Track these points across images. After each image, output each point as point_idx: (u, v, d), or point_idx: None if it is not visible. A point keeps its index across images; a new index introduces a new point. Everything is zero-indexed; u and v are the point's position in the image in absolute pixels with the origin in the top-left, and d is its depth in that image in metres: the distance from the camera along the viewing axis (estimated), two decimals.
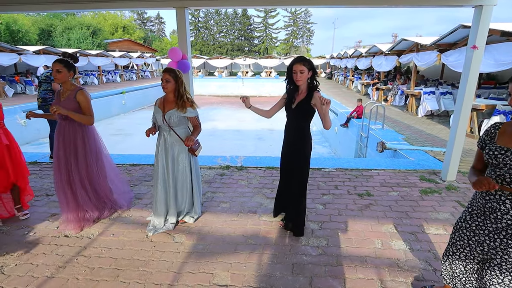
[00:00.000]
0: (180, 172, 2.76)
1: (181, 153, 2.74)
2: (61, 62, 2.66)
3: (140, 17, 55.04)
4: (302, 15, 55.44)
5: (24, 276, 2.21)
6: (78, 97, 2.71)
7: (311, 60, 2.44)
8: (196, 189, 2.88)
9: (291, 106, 2.47)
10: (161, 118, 2.64)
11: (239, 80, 26.58)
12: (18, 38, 23.61)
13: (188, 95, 2.70)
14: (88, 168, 2.83)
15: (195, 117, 2.72)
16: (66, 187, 2.77)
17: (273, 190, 3.67)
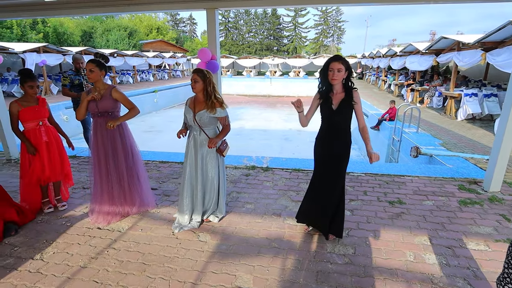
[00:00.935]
0: (209, 172, 2.80)
1: (210, 153, 2.77)
2: (94, 62, 2.78)
3: (173, 18, 56.95)
4: (333, 14, 54.13)
5: (61, 264, 2.35)
6: (114, 95, 2.86)
7: (347, 60, 2.35)
8: (222, 189, 2.90)
9: (331, 107, 2.37)
10: (192, 118, 2.69)
11: (267, 79, 26.57)
12: (64, 40, 25.49)
13: (218, 94, 2.71)
14: (125, 164, 2.96)
15: (224, 117, 2.73)
16: (104, 182, 2.90)
17: (299, 193, 3.60)
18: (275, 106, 19.99)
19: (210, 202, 2.91)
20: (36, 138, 2.98)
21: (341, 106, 2.35)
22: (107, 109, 2.83)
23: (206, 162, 2.78)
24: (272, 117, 16.05)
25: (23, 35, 21.95)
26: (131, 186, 3.06)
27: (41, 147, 3.00)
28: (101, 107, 2.81)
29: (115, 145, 2.91)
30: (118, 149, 2.92)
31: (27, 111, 2.90)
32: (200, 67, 3.62)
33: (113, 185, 2.92)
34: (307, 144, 11.21)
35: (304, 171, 4.29)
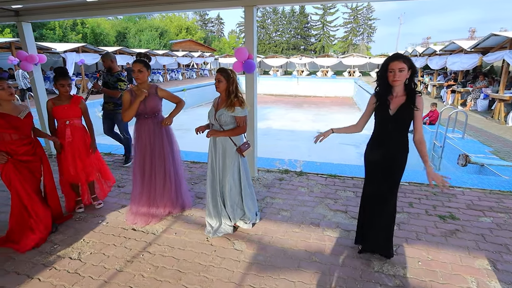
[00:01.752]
0: (228, 172, 2.67)
1: (230, 152, 2.65)
2: (141, 62, 2.74)
3: (202, 18, 58.01)
4: (364, 11, 52.31)
5: (97, 266, 2.33)
6: (160, 93, 2.86)
7: (410, 58, 2.10)
8: (246, 192, 2.75)
9: (387, 111, 2.13)
10: (213, 116, 2.61)
11: (294, 79, 26.18)
12: (100, 40, 26.80)
13: (240, 94, 2.59)
14: (169, 165, 2.93)
15: (242, 117, 2.58)
16: (146, 182, 2.87)
17: (337, 202, 3.37)
18: (302, 106, 19.61)
19: (235, 205, 2.77)
20: (62, 137, 3.00)
21: (400, 111, 2.09)
22: (154, 108, 2.81)
23: (224, 162, 2.67)
24: (299, 117, 15.73)
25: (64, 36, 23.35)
26: (172, 187, 3.02)
27: (66, 146, 3.01)
28: (149, 106, 2.79)
29: (161, 146, 2.88)
30: (165, 149, 2.89)
31: (57, 110, 2.92)
32: (235, 67, 3.52)
33: (156, 186, 2.89)
34: (337, 146, 10.85)
35: (341, 178, 4.04)
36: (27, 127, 2.54)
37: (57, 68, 2.95)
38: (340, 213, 3.13)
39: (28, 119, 2.54)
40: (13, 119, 2.41)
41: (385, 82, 2.11)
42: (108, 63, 4.28)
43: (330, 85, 24.76)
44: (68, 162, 3.01)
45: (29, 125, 2.55)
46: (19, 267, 2.33)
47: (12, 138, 2.44)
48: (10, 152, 2.45)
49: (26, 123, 2.51)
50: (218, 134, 2.57)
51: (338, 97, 23.88)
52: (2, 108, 2.40)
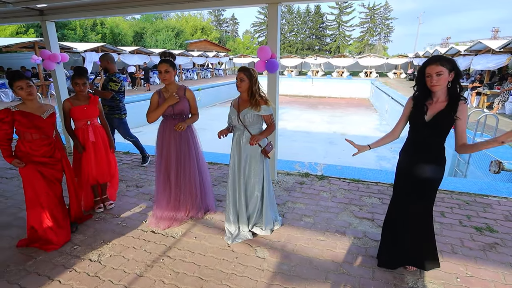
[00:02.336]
0: (252, 175, 2.56)
1: (254, 154, 2.54)
2: (167, 62, 2.64)
3: (217, 19, 58.38)
4: (381, 10, 51.22)
5: (117, 270, 2.28)
6: (188, 95, 2.77)
7: (453, 59, 1.92)
8: (267, 196, 2.63)
9: (423, 117, 1.96)
10: (236, 117, 2.51)
11: (309, 79, 25.88)
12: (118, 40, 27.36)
13: (262, 93, 2.51)
14: (194, 167, 2.85)
15: (269, 115, 2.50)
16: (169, 185, 2.80)
17: (362, 209, 3.21)
18: (317, 107, 19.33)
19: (253, 210, 2.65)
20: (84, 138, 2.96)
21: (438, 118, 1.90)
22: (183, 110, 2.73)
23: (250, 164, 2.56)
24: (314, 119, 15.49)
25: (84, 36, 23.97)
26: (197, 190, 2.93)
27: (88, 147, 2.97)
28: (178, 108, 2.70)
29: (187, 148, 2.80)
30: (191, 152, 2.82)
31: (76, 110, 2.87)
32: (258, 66, 3.41)
33: (180, 189, 2.82)
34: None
35: (365, 183, 3.86)
36: (50, 127, 2.50)
37: (76, 67, 2.94)
38: (366, 221, 2.96)
39: (51, 119, 2.50)
40: (36, 119, 2.38)
41: (424, 86, 1.94)
42: (104, 64, 4.00)
43: (346, 86, 24.32)
44: (92, 162, 2.98)
45: (51, 125, 2.52)
46: (40, 267, 2.30)
47: (33, 137, 2.40)
48: (29, 152, 2.40)
49: (48, 123, 2.47)
50: (260, 138, 2.43)
51: (354, 98, 23.42)
52: (26, 107, 2.37)
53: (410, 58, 25.98)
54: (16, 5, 3.98)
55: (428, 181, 2.03)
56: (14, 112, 2.31)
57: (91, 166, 2.99)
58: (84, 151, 2.94)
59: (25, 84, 2.32)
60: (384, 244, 2.31)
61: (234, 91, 24.18)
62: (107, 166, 3.11)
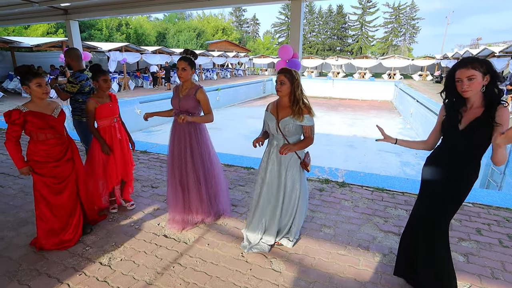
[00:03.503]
0: (289, 188, 2.39)
1: (293, 166, 2.36)
2: (186, 60, 2.58)
3: (238, 19, 58.67)
4: (407, 10, 49.41)
5: (127, 276, 2.19)
6: (198, 95, 2.65)
7: (488, 61, 1.68)
8: (301, 209, 2.47)
9: (456, 125, 1.73)
10: (275, 126, 2.29)
11: (329, 81, 25.36)
12: (142, 40, 28.07)
13: (306, 99, 2.29)
14: (202, 168, 2.75)
15: (310, 126, 2.29)
16: (179, 186, 2.71)
17: (387, 221, 2.96)
18: (337, 109, 18.87)
19: (287, 222, 2.50)
20: (111, 136, 2.92)
21: (473, 126, 1.66)
22: (188, 108, 2.63)
23: (287, 177, 2.38)
24: (334, 121, 15.10)
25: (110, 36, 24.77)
26: (208, 192, 2.82)
27: (115, 145, 2.94)
28: (183, 106, 2.62)
29: (192, 146, 2.69)
30: (195, 150, 2.70)
31: (102, 108, 2.84)
32: (278, 66, 3.25)
33: (189, 189, 2.71)
34: (376, 154, 10.14)
35: (390, 192, 3.60)
36: (61, 125, 2.45)
37: (94, 65, 2.88)
38: (392, 235, 2.72)
39: (62, 117, 2.44)
40: (49, 118, 2.32)
41: (455, 92, 1.71)
42: (67, 60, 3.51)
43: (368, 88, 23.61)
44: (118, 161, 2.96)
45: (62, 123, 2.46)
46: (51, 268, 2.26)
47: (47, 137, 2.34)
48: (42, 154, 2.34)
49: (60, 121, 2.42)
50: (292, 149, 2.23)
51: (376, 100, 22.69)
52: (36, 107, 2.29)
53: (437, 60, 24.85)
54: (42, 5, 4.06)
55: (454, 194, 1.79)
56: (25, 113, 2.22)
57: (118, 164, 2.97)
58: (110, 151, 2.90)
59: (44, 81, 2.27)
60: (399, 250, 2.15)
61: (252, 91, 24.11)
62: (129, 164, 3.10)
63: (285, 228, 2.52)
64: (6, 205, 3.28)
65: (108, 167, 2.96)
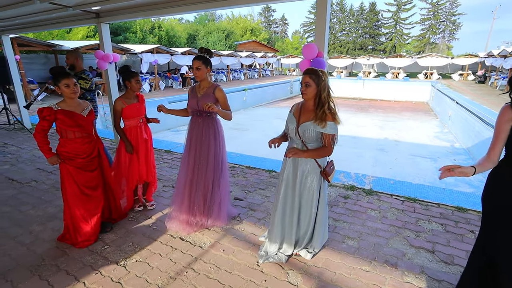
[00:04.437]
0: (305, 196, 2.24)
1: (312, 174, 2.21)
2: (200, 59, 2.55)
3: (267, 19, 58.66)
4: (447, 5, 46.26)
5: (140, 278, 2.17)
6: (217, 94, 2.61)
7: None
8: (321, 219, 2.31)
9: None
10: (294, 130, 2.15)
11: (360, 81, 24.43)
12: (173, 42, 29.00)
13: (332, 103, 2.09)
14: (214, 171, 2.69)
15: (332, 135, 2.06)
16: (188, 185, 2.69)
17: (419, 235, 2.69)
18: (367, 111, 18.09)
19: (305, 233, 2.35)
20: (137, 136, 2.96)
21: None
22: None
23: (305, 184, 2.23)
24: (363, 123, 14.47)
25: (143, 38, 25.85)
26: (216, 194, 2.76)
27: (141, 146, 2.99)
28: (201, 105, 2.57)
29: (208, 149, 2.65)
30: (210, 150, 2.66)
31: (129, 109, 2.90)
32: (302, 66, 3.09)
33: (197, 189, 2.67)
34: (408, 158, 9.50)
35: (423, 203, 3.29)
36: (90, 124, 2.52)
37: (124, 67, 2.93)
38: (424, 252, 2.46)
39: (90, 116, 2.52)
40: (78, 117, 2.40)
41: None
42: (71, 60, 3.59)
43: (401, 88, 22.39)
44: (142, 161, 3.00)
45: (91, 122, 2.54)
46: (70, 265, 2.31)
47: (75, 135, 2.42)
48: (70, 152, 2.42)
49: (88, 120, 2.49)
50: (299, 155, 2.10)
51: (410, 101, 21.47)
52: (67, 106, 2.39)
53: (480, 58, 22.94)
54: (75, 9, 4.24)
55: None
56: (57, 111, 2.33)
57: (143, 164, 3.01)
58: (134, 151, 2.95)
59: (73, 82, 2.35)
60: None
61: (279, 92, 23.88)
62: (152, 164, 3.14)
63: (304, 239, 2.37)
64: (38, 200, 3.45)
65: (131, 167, 3.00)
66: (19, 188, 3.79)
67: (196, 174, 2.67)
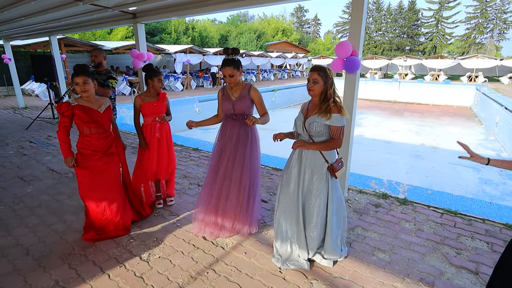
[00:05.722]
0: (313, 195, 2.13)
1: (319, 171, 2.11)
2: (230, 64, 2.38)
3: (299, 20, 58.07)
4: (497, 2, 42.53)
5: (162, 275, 2.18)
6: (252, 94, 2.54)
7: None
8: (333, 220, 2.17)
9: None
10: (301, 125, 2.12)
11: (395, 83, 23.26)
12: (206, 42, 29.71)
13: (337, 98, 2.05)
14: (246, 176, 2.58)
15: (339, 127, 2.01)
16: (217, 188, 2.59)
17: (460, 253, 2.43)
18: (402, 114, 17.15)
19: (314, 234, 2.19)
20: (151, 134, 3.00)
21: None
22: (244, 110, 2.52)
23: (311, 180, 2.13)
24: (397, 127, 13.73)
25: (177, 39, 26.76)
26: (249, 201, 2.64)
27: (153, 143, 3.00)
28: (238, 108, 2.50)
29: (243, 152, 2.55)
30: (246, 156, 2.56)
31: (146, 106, 2.93)
32: (335, 65, 2.95)
33: (229, 195, 2.56)
34: (447, 167, 8.81)
35: (465, 217, 2.99)
36: (107, 121, 2.54)
37: (148, 64, 2.99)
38: (466, 273, 2.21)
39: (108, 113, 2.55)
40: (94, 113, 2.44)
41: None
42: (100, 58, 3.60)
43: (441, 91, 20.96)
44: (154, 158, 3.02)
45: (108, 118, 2.56)
46: (97, 256, 2.38)
47: (92, 131, 2.46)
48: (88, 147, 2.46)
49: (105, 117, 2.51)
50: (306, 147, 2.09)
51: (451, 106, 20.03)
52: (84, 101, 2.43)
53: None
54: (114, 9, 4.43)
55: None
56: (74, 106, 2.37)
57: (153, 162, 3.03)
58: (147, 147, 3.00)
59: (82, 80, 2.35)
60: None
61: None
62: (167, 163, 3.12)
63: (316, 242, 2.22)
64: (73, 190, 3.64)
65: (143, 163, 3.05)
66: (58, 178, 4.03)
67: (229, 179, 2.56)
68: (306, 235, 2.21)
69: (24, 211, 3.14)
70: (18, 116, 8.47)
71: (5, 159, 4.77)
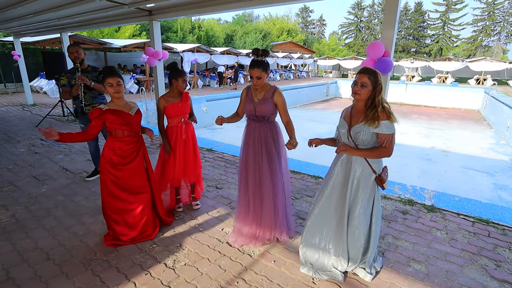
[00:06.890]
0: (359, 205, 2.02)
1: (365, 180, 1.99)
2: (259, 66, 2.27)
3: (304, 20, 57.87)
4: (505, 5, 42.13)
5: (190, 284, 2.08)
6: (275, 98, 2.40)
7: None
8: (376, 232, 2.07)
9: None
10: (346, 133, 1.97)
11: (402, 85, 23.05)
12: (211, 41, 29.64)
13: (386, 103, 1.91)
14: (279, 179, 2.47)
15: (389, 135, 1.86)
16: (251, 197, 2.47)
17: (500, 265, 2.32)
18: (410, 117, 16.98)
19: (355, 246, 2.09)
20: (177, 136, 2.89)
21: None
22: (265, 113, 2.40)
23: (357, 191, 2.01)
24: (406, 130, 13.55)
25: (183, 38, 26.69)
26: (283, 207, 2.53)
27: (179, 145, 2.90)
28: (259, 110, 2.40)
29: (270, 156, 2.43)
30: (273, 157, 2.44)
31: (171, 108, 2.83)
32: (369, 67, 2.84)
33: (263, 201, 2.44)
34: (460, 171, 8.64)
35: (499, 227, 2.86)
36: (137, 123, 2.50)
37: (172, 63, 2.88)
38: (510, 287, 2.10)
39: (138, 116, 2.50)
40: (126, 116, 2.39)
41: None
42: (82, 54, 3.41)
43: (449, 94, 20.75)
44: (181, 161, 2.92)
45: (139, 121, 2.51)
46: (120, 263, 2.29)
47: (124, 134, 2.41)
48: (116, 151, 2.40)
49: (136, 119, 2.47)
50: (353, 152, 1.95)
51: (459, 109, 19.81)
52: (114, 105, 2.39)
53: None
54: (130, 6, 4.34)
55: None
56: (106, 111, 2.34)
57: (180, 165, 2.92)
58: (172, 151, 2.89)
59: (116, 82, 2.31)
60: None
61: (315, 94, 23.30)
62: (194, 165, 3.02)
63: (359, 255, 2.11)
64: (89, 191, 3.55)
65: (167, 167, 2.94)
66: (72, 178, 3.95)
67: (261, 184, 2.44)
68: (349, 246, 2.10)
69: (40, 212, 3.06)
70: (27, 113, 8.42)
71: (17, 157, 4.70)
